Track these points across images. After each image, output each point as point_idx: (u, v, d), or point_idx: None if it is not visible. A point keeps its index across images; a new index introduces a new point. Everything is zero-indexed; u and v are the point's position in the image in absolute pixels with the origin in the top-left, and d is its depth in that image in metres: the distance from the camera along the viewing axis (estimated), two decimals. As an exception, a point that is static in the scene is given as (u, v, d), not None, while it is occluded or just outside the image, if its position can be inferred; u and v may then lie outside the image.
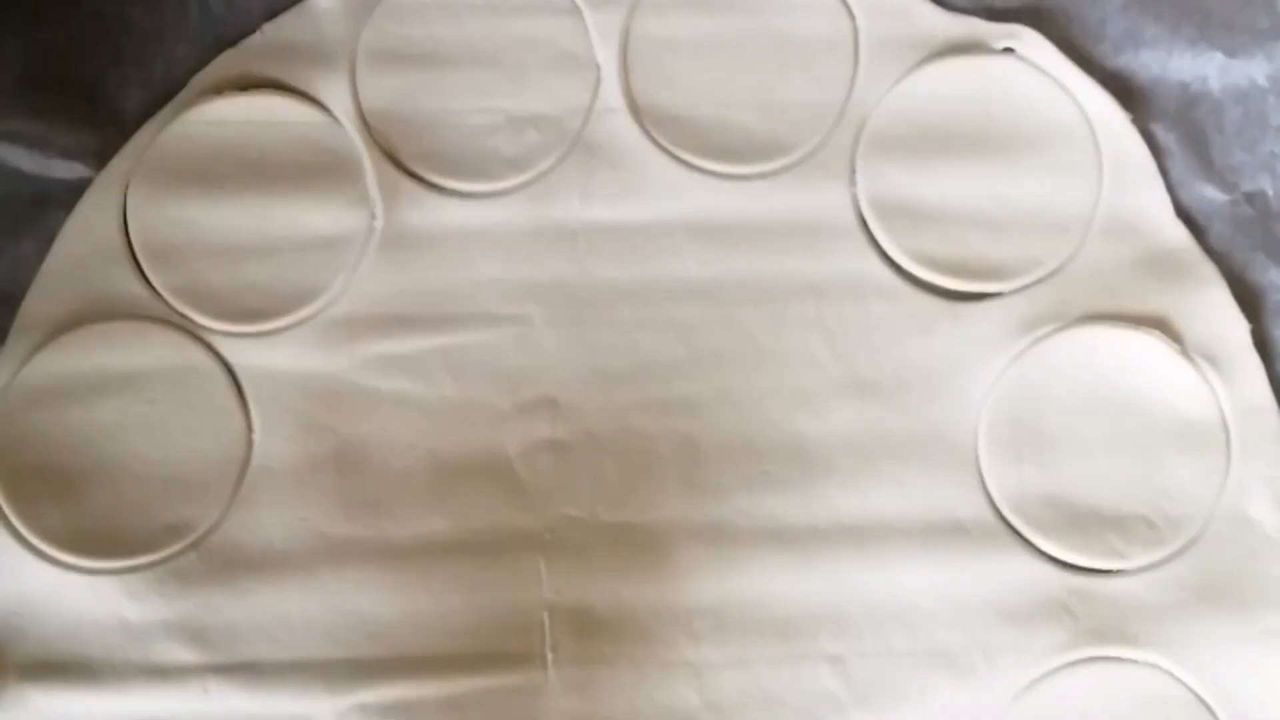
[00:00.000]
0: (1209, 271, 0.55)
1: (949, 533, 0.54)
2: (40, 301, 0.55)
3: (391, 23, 0.57)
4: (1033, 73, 0.56)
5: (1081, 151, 0.56)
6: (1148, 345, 0.54)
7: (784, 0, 0.57)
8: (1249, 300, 0.55)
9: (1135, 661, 0.52)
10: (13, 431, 0.54)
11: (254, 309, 0.55)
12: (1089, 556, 0.53)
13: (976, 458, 0.54)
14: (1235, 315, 0.55)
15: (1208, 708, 0.52)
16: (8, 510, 0.53)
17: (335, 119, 0.56)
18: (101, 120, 0.56)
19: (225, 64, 0.57)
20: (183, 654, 0.53)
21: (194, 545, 0.54)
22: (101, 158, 0.56)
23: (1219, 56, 0.57)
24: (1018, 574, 0.53)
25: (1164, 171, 0.56)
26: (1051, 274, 0.55)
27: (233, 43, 0.57)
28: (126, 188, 0.56)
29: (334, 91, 0.57)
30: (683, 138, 0.56)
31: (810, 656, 0.53)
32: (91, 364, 0.54)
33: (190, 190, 0.56)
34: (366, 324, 0.55)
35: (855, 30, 0.57)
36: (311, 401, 0.55)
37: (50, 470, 0.54)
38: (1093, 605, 0.53)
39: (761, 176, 0.56)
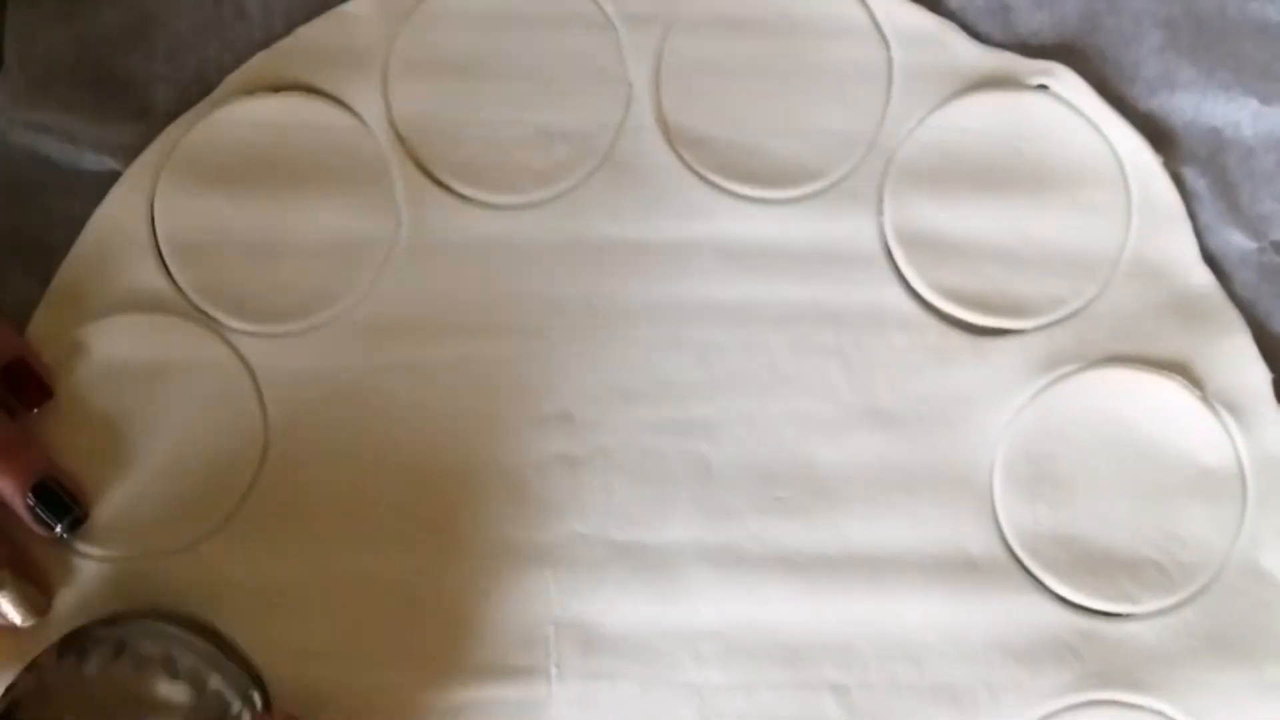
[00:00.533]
0: (1233, 319, 0.55)
1: (959, 567, 0.54)
2: (64, 291, 0.55)
3: (426, 31, 0.57)
4: (1066, 111, 0.56)
5: (1111, 192, 0.56)
6: (1168, 390, 0.54)
7: (819, 26, 0.57)
8: (1272, 349, 0.55)
9: (1140, 707, 0.52)
10: (33, 417, 0.54)
11: (276, 310, 0.55)
12: (1099, 599, 0.53)
13: (991, 494, 0.54)
14: (1257, 364, 0.54)
15: (1211, 756, 0.52)
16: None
17: (365, 124, 0.57)
18: (132, 115, 0.57)
19: (258, 65, 0.57)
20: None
21: (205, 540, 0.54)
22: (131, 152, 0.56)
23: (1253, 103, 0.56)
24: (1026, 613, 0.53)
25: (1192, 216, 0.56)
26: (1075, 313, 0.55)
27: (266, 44, 0.57)
28: (155, 183, 0.56)
29: (365, 97, 0.57)
30: (712, 159, 0.56)
31: (814, 685, 0.53)
32: (112, 356, 0.55)
33: (218, 188, 0.56)
34: (387, 330, 0.55)
35: (890, 60, 0.57)
36: (328, 405, 0.55)
37: (67, 458, 0.54)
38: (1100, 648, 0.53)
39: (789, 201, 0.56)
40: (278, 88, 0.57)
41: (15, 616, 0.51)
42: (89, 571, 0.53)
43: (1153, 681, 0.52)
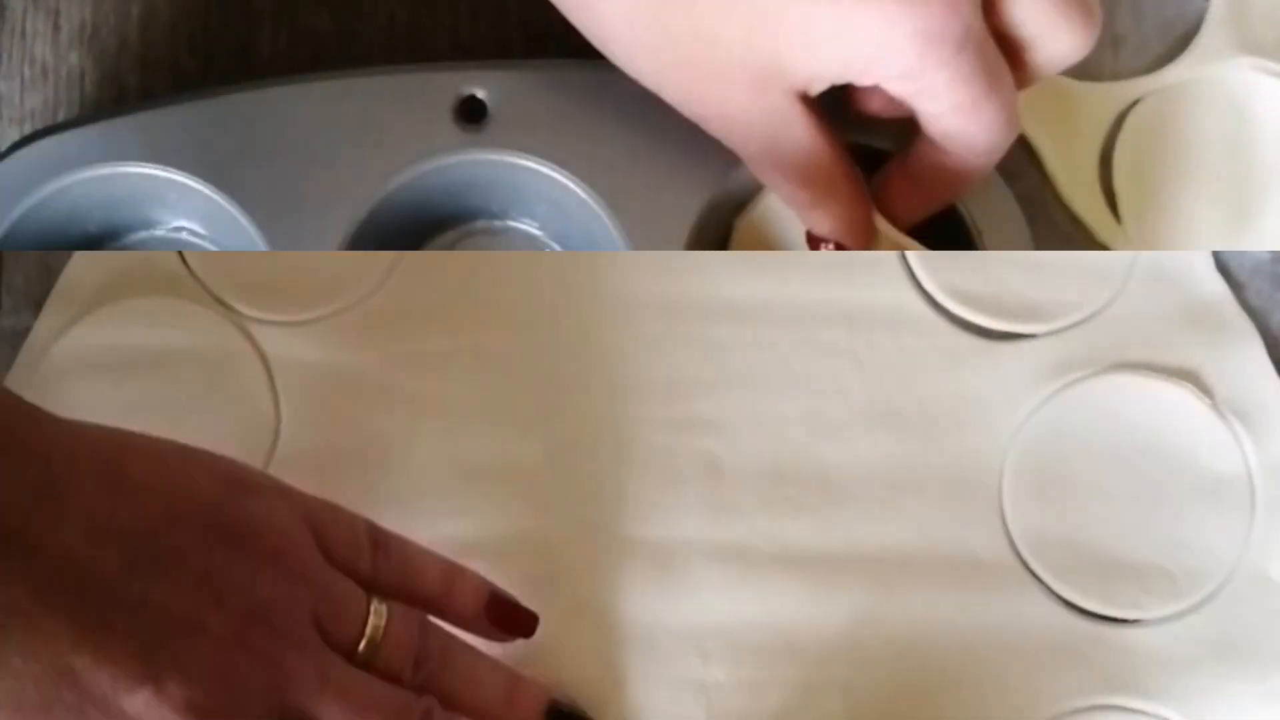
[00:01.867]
0: (1245, 328, 0.55)
1: (967, 570, 0.54)
2: (78, 273, 0.55)
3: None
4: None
5: (1124, 198, 0.56)
6: (1178, 397, 0.54)
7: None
8: (1283, 359, 0.55)
9: (1146, 713, 0.52)
10: (44, 399, 0.54)
11: (290, 297, 0.55)
12: (1106, 604, 0.53)
13: (1000, 498, 0.54)
14: (1269, 373, 0.55)
15: (1216, 763, 0.52)
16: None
17: (383, 115, 0.57)
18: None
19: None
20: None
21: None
22: (150, 137, 0.56)
23: (1269, 113, 0.57)
24: (1034, 617, 0.53)
25: (1207, 224, 0.56)
26: (1087, 319, 0.55)
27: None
28: (172, 167, 0.56)
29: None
30: (727, 157, 0.56)
31: (821, 684, 0.53)
32: (125, 339, 0.54)
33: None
34: (400, 321, 0.55)
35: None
36: (340, 394, 0.55)
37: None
38: (1107, 653, 0.53)
39: (803, 201, 0.56)
40: (299, 77, 0.57)
41: None
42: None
43: (1159, 688, 0.52)
